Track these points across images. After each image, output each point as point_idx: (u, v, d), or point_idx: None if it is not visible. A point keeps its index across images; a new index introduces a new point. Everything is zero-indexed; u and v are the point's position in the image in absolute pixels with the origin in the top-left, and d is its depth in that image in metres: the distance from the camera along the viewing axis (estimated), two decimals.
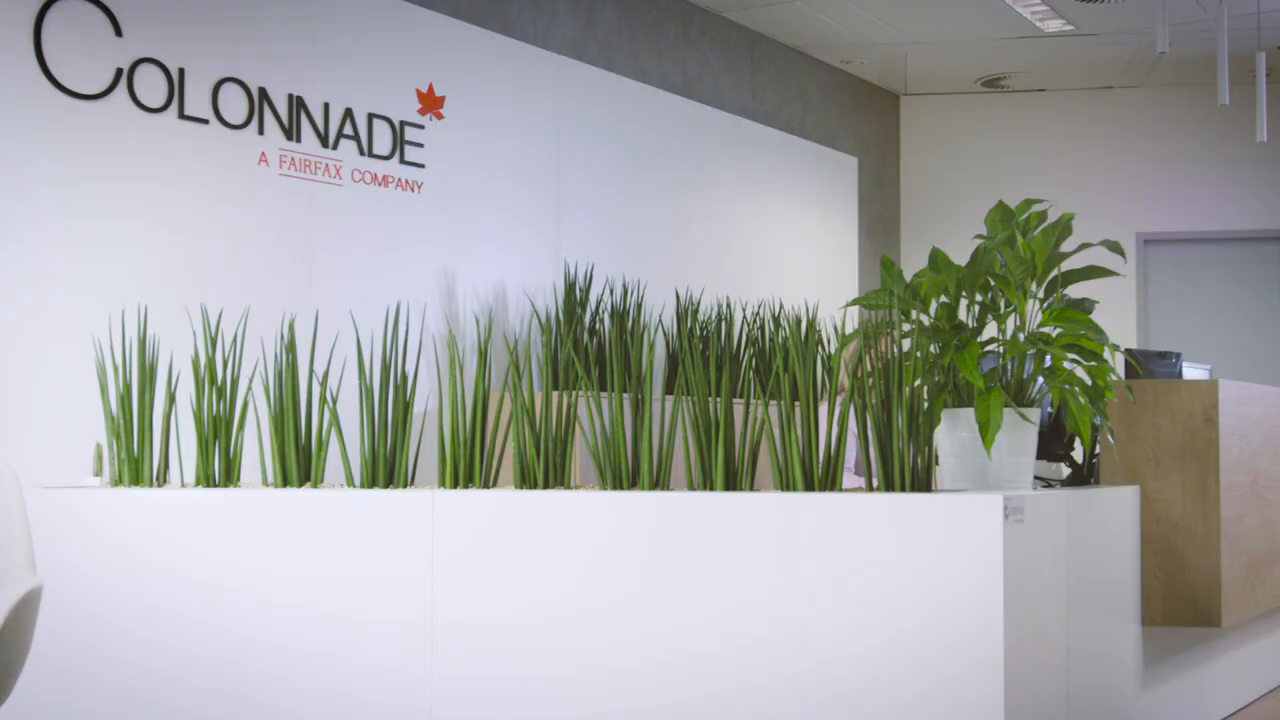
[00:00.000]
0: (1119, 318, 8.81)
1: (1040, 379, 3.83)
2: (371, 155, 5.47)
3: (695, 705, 3.49)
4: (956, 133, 9.44)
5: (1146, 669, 4.12)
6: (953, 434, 3.75)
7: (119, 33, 4.60)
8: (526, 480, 3.79)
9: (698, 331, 6.49)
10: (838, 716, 3.39)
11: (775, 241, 7.97)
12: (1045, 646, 3.56)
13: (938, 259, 3.90)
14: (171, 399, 4.07)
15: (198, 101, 4.84)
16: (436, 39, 5.81)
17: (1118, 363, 4.12)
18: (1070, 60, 8.58)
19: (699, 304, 6.79)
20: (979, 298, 3.86)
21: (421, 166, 5.67)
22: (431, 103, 5.76)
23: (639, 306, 6.31)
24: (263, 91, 5.05)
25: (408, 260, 5.59)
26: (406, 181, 5.61)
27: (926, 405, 3.64)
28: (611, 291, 6.34)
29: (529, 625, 3.58)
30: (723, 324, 6.65)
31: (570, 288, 6.11)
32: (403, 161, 5.59)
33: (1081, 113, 9.20)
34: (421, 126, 5.69)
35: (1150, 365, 4.98)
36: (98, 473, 4.25)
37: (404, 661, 3.65)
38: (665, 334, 4.75)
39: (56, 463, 4.33)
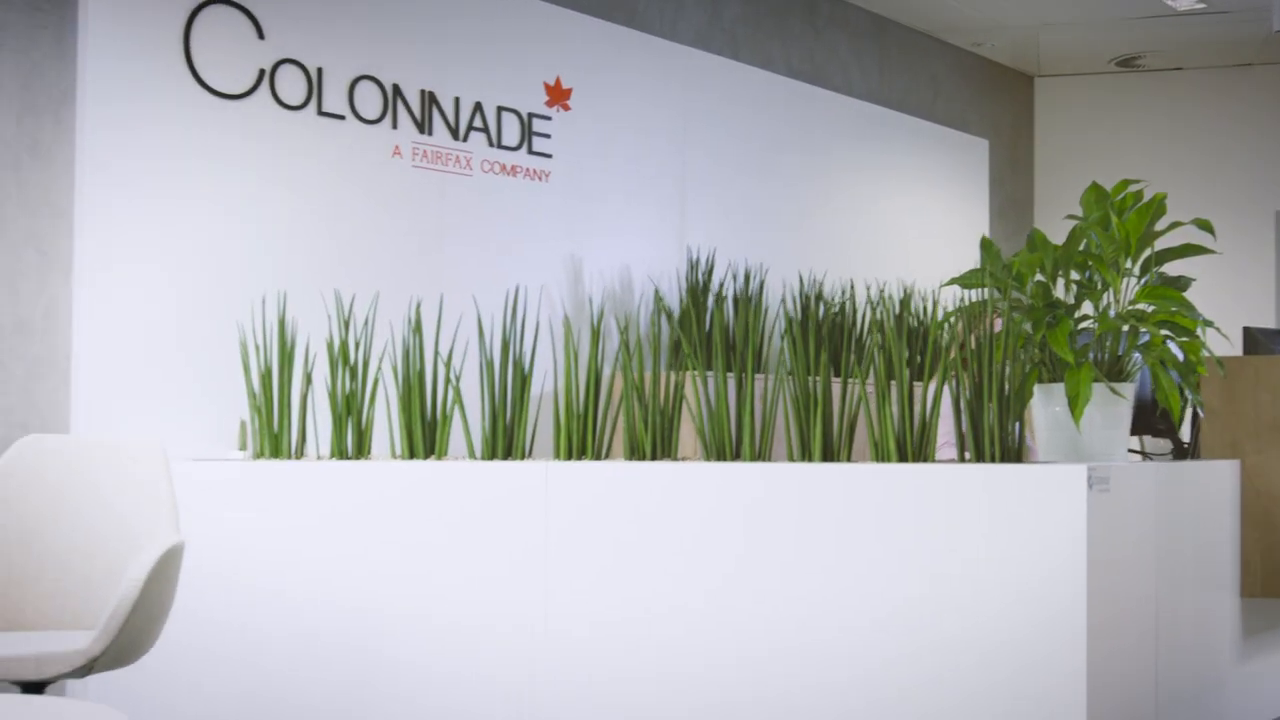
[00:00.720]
0: (1257, 295, 8.69)
1: (1137, 355, 3.91)
2: (500, 146, 5.72)
3: (795, 672, 3.66)
4: (1092, 113, 9.38)
5: (1245, 640, 4.16)
6: (1046, 408, 3.86)
7: (261, 35, 4.91)
8: (635, 453, 4.00)
9: (819, 314, 6.62)
10: (931, 681, 3.54)
11: (904, 225, 8.05)
12: (1135, 614, 3.65)
13: (1035, 239, 4.01)
14: (308, 379, 4.37)
15: (335, 99, 5.13)
16: (564, 33, 6.03)
17: (1231, 337, 4.18)
18: (1205, 38, 8.48)
19: (821, 287, 6.91)
20: (1075, 276, 3.96)
21: (549, 156, 5.91)
22: (558, 95, 5.99)
23: (761, 287, 6.46)
24: (396, 88, 5.33)
25: (535, 246, 5.83)
26: (534, 171, 5.85)
27: (1019, 381, 3.77)
28: (735, 277, 6.51)
29: (639, 591, 3.79)
30: (846, 304, 6.77)
31: (693, 269, 6.30)
32: (530, 152, 5.84)
33: (1219, 91, 9.07)
34: (549, 118, 5.93)
35: (1270, 342, 5.00)
36: (242, 447, 4.57)
37: (520, 621, 3.88)
38: (788, 316, 4.95)
39: (205, 438, 4.66)
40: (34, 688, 2.96)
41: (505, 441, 4.12)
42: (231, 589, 4.13)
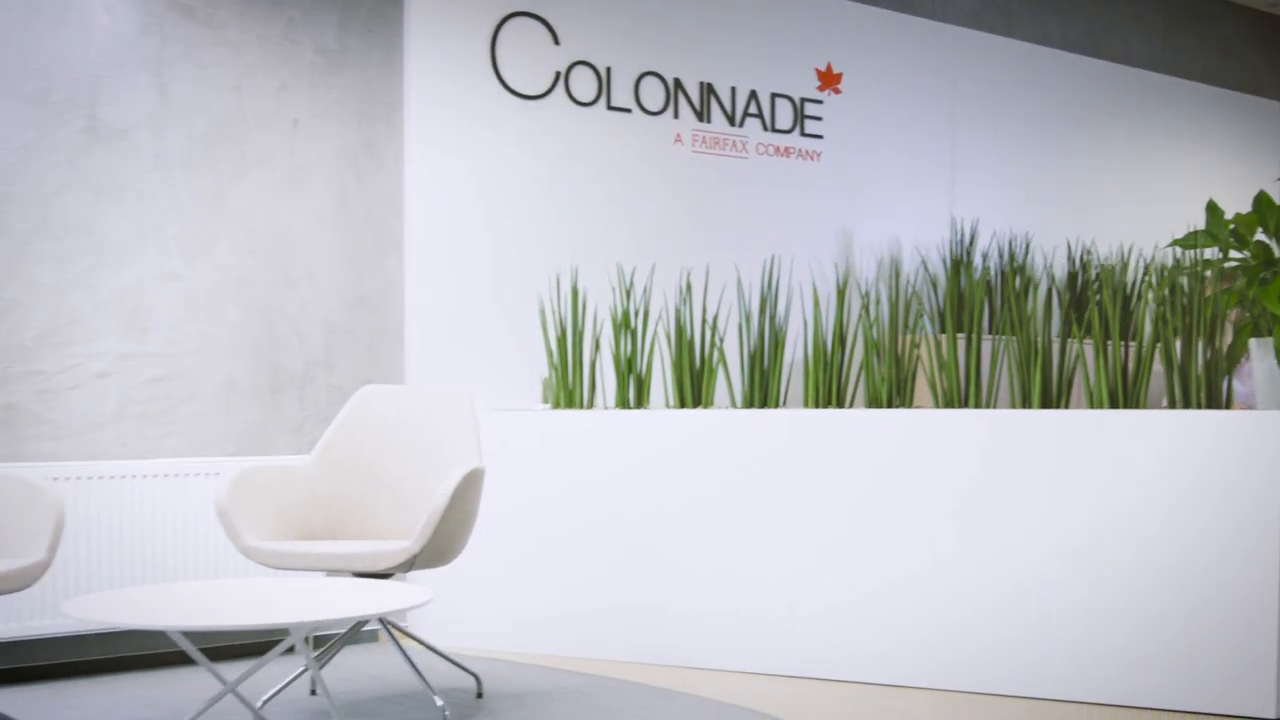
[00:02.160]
0: None
1: None
2: (774, 130, 6.27)
3: (1018, 595, 4.11)
4: None
5: None
6: (1263, 362, 4.15)
7: (557, 42, 5.63)
8: (874, 403, 4.51)
9: (1092, 279, 6.88)
10: (1127, 613, 3.92)
11: (1186, 192, 8.15)
12: None
13: (1262, 201, 4.29)
14: (596, 343, 5.07)
15: (622, 94, 5.81)
16: (836, 21, 6.53)
17: None
18: None
19: (1089, 255, 7.16)
20: None
21: (820, 138, 6.43)
22: (830, 80, 6.49)
23: (1026, 253, 6.79)
24: (677, 81, 5.96)
25: (807, 221, 6.37)
26: (806, 151, 6.38)
27: (1233, 335, 4.10)
28: (1000, 251, 6.85)
29: (877, 521, 4.32)
30: (1115, 270, 7.00)
31: (958, 239, 6.70)
32: (803, 134, 6.37)
33: None
34: (820, 101, 6.44)
35: None
36: (545, 399, 5.31)
37: (774, 544, 4.46)
38: (1055, 284, 5.33)
39: (512, 391, 5.41)
40: (374, 579, 3.72)
41: (760, 392, 4.70)
42: (530, 514, 4.87)
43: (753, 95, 6.21)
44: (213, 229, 4.80)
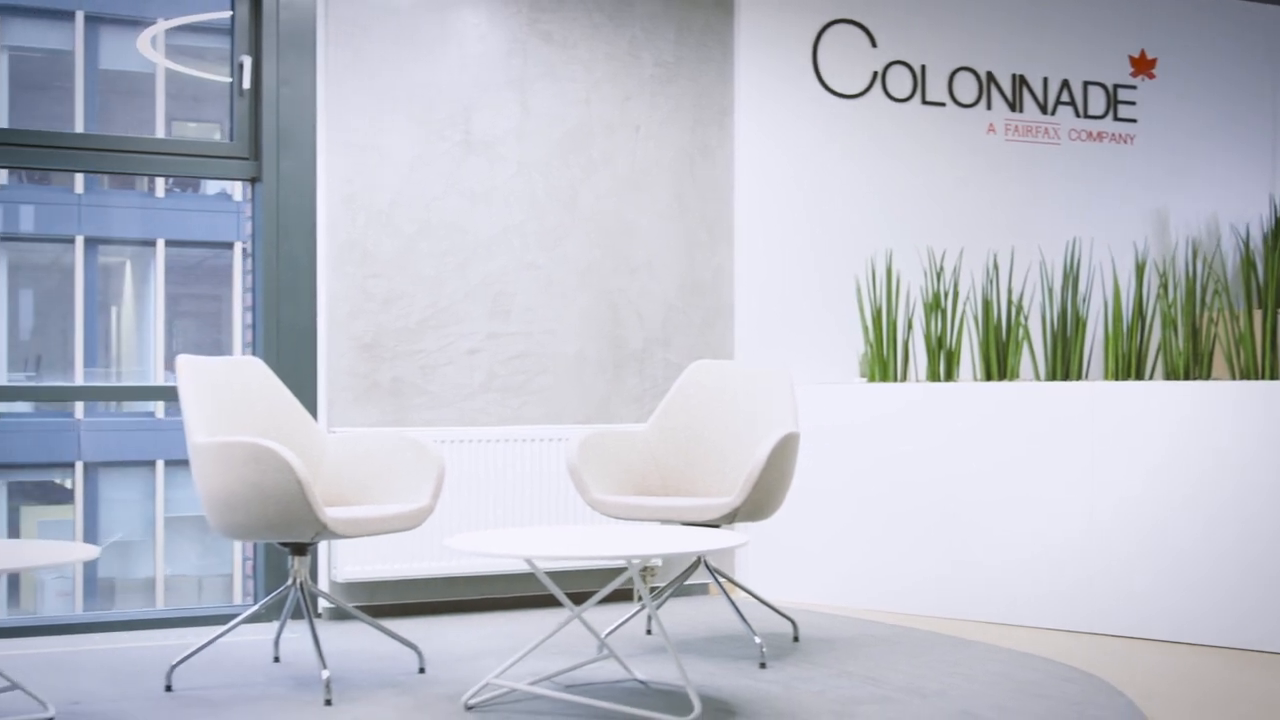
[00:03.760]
0: None
1: None
2: (1086, 116, 6.50)
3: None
4: None
5: None
6: None
7: (874, 44, 6.05)
8: (1170, 376, 4.77)
9: None
10: None
11: None
12: None
13: None
14: (909, 321, 5.49)
15: (936, 89, 6.18)
16: (1148, 9, 6.68)
17: None
18: None
19: None
20: None
21: (1133, 122, 6.61)
22: (1143, 65, 6.66)
23: None
24: (990, 75, 6.28)
25: (1118, 203, 6.56)
26: (1119, 136, 6.58)
27: None
28: None
29: (1171, 487, 4.59)
30: None
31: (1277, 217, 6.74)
32: (1115, 119, 6.57)
33: None
34: (1133, 87, 6.62)
35: None
36: (862, 374, 5.76)
37: (1066, 508, 4.79)
38: None
39: (833, 366, 5.89)
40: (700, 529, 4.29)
41: (1062, 365, 5.02)
42: (845, 480, 5.34)
43: (1065, 84, 6.46)
44: (566, 224, 5.48)
